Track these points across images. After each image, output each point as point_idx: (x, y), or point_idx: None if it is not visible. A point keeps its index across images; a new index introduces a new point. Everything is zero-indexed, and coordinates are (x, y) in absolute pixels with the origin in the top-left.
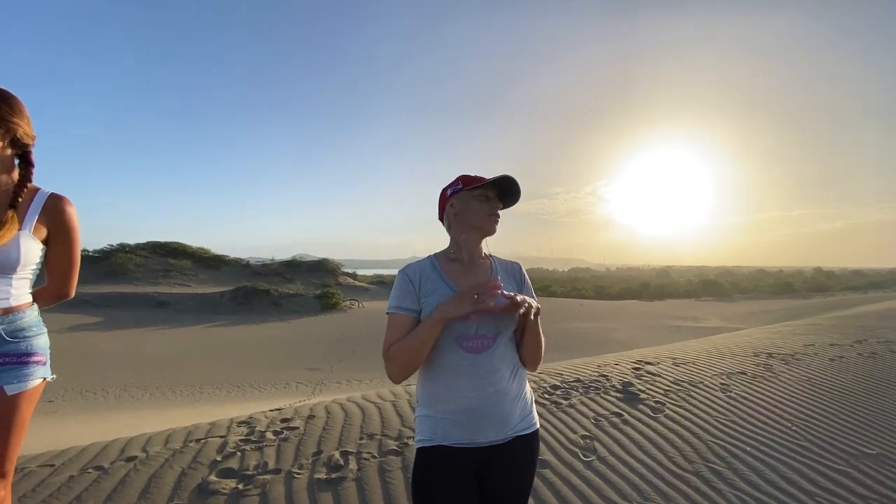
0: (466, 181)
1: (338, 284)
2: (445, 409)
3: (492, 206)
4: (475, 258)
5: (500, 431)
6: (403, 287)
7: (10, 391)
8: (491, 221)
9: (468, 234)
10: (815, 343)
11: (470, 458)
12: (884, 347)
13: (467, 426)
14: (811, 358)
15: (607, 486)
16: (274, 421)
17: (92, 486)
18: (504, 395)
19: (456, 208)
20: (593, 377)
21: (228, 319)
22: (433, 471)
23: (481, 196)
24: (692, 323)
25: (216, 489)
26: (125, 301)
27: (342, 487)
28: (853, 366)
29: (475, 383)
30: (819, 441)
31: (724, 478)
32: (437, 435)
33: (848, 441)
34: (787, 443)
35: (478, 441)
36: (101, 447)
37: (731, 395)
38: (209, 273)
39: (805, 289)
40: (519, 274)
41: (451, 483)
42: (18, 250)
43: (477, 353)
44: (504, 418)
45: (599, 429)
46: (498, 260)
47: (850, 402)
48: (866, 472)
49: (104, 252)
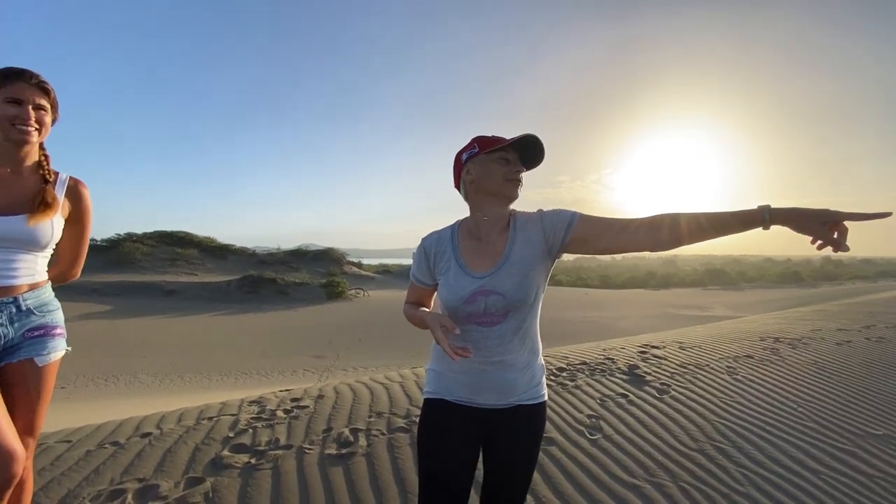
0: (483, 143)
1: (343, 273)
2: (451, 367)
3: (512, 170)
4: (495, 231)
5: (501, 397)
6: (419, 259)
7: (39, 363)
8: (512, 186)
9: (488, 206)
10: (823, 328)
11: (472, 414)
12: (892, 332)
13: (468, 386)
14: (818, 342)
15: (613, 463)
16: (284, 400)
17: (109, 459)
18: (509, 365)
19: (473, 174)
20: (599, 360)
21: (235, 308)
22: (435, 418)
23: (500, 159)
24: (698, 312)
25: (229, 463)
26: (133, 290)
27: (352, 462)
28: (860, 350)
29: (481, 350)
30: (825, 422)
31: (730, 456)
32: (441, 389)
33: (854, 422)
34: (794, 423)
35: (478, 401)
36: (117, 424)
37: (737, 378)
38: (216, 262)
39: (813, 277)
40: (543, 217)
41: (452, 431)
42: (52, 228)
43: (488, 326)
44: (507, 385)
45: (605, 409)
46: (521, 220)
47: (856, 385)
48: (871, 452)
49: (112, 241)
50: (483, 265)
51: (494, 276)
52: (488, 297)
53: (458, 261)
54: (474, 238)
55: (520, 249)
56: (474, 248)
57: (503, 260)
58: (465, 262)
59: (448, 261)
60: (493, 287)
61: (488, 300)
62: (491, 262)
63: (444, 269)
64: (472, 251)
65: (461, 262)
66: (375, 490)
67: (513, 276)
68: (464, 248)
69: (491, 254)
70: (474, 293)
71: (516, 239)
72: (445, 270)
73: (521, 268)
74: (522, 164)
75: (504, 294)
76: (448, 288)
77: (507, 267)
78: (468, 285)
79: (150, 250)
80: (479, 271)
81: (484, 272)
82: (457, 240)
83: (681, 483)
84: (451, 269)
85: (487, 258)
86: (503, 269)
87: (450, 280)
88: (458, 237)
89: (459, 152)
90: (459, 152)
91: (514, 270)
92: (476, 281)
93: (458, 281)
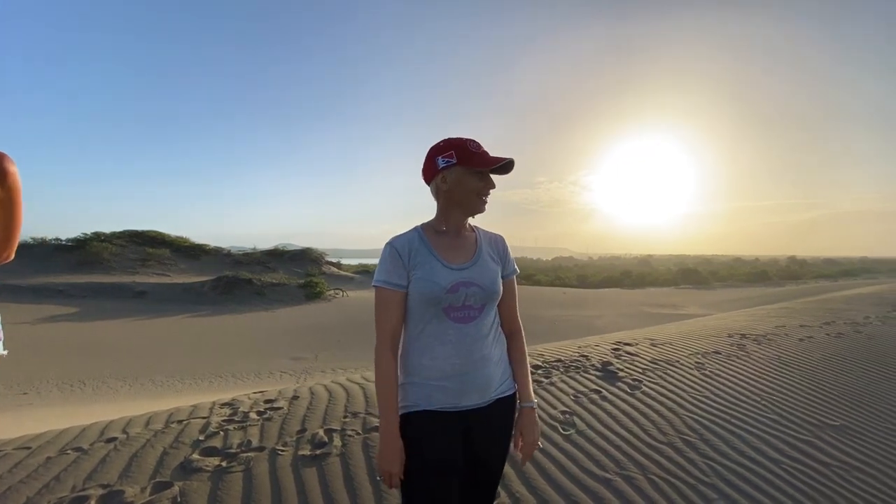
0: (462, 156)
1: (322, 274)
2: (431, 376)
3: (486, 186)
4: (461, 231)
5: (483, 395)
6: (392, 260)
7: None
8: (483, 203)
9: (454, 215)
10: (786, 325)
11: (454, 420)
12: (850, 328)
13: (452, 391)
14: (782, 338)
15: (586, 458)
16: (257, 402)
17: (71, 466)
18: (488, 359)
19: (448, 184)
20: (574, 357)
21: (210, 309)
22: (419, 432)
23: (476, 174)
24: (671, 310)
25: (199, 467)
26: (101, 291)
27: (326, 463)
28: (821, 345)
29: (461, 350)
30: (786, 414)
31: (697, 448)
32: (422, 401)
33: (813, 414)
34: (757, 416)
35: (462, 405)
36: (80, 429)
37: (705, 373)
38: (189, 263)
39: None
40: (501, 246)
41: (436, 442)
42: None
43: (464, 323)
44: (487, 382)
45: (579, 405)
46: (483, 232)
47: (816, 379)
48: (829, 442)
49: (78, 241)
50: (459, 259)
51: (472, 268)
52: (469, 288)
53: (434, 255)
54: (443, 236)
55: (487, 250)
56: (447, 244)
57: (478, 255)
58: (442, 255)
59: (423, 256)
60: (471, 279)
61: (469, 290)
62: (465, 257)
63: (419, 264)
64: (445, 247)
65: (438, 256)
66: (350, 490)
67: (487, 271)
68: (436, 245)
69: (464, 250)
70: (456, 284)
71: (483, 245)
72: (421, 265)
73: (492, 265)
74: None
75: (482, 286)
76: (427, 281)
77: (481, 262)
78: (449, 276)
79: (120, 250)
80: (456, 264)
81: (462, 264)
82: (426, 238)
83: (650, 475)
84: (428, 263)
85: (462, 253)
86: (478, 263)
87: (428, 273)
88: (426, 236)
89: (434, 153)
90: (434, 153)
91: (487, 267)
92: (456, 273)
93: (438, 273)
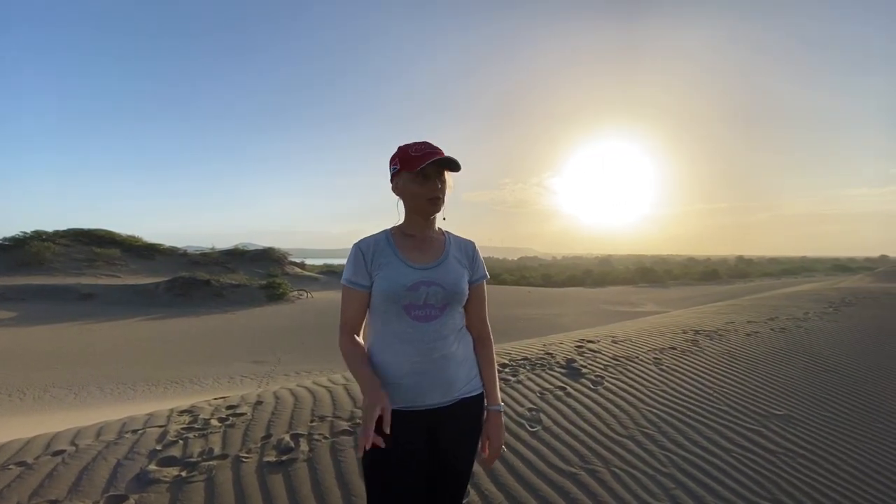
0: (403, 162)
1: (285, 274)
2: (390, 374)
3: (431, 188)
4: (427, 234)
5: (446, 394)
6: (355, 260)
7: None
8: (430, 206)
9: (413, 215)
10: (735, 321)
11: (417, 419)
12: (792, 324)
13: (411, 389)
14: (731, 334)
15: (551, 453)
16: (219, 409)
17: (14, 482)
18: (449, 359)
19: (399, 189)
20: (539, 355)
21: (164, 312)
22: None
23: (419, 177)
24: (629, 308)
25: (157, 478)
26: (43, 293)
27: (293, 469)
28: (766, 339)
29: (420, 349)
30: (735, 405)
31: (655, 440)
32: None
33: (760, 404)
34: (709, 407)
35: (423, 403)
36: (23, 443)
37: (662, 368)
38: (141, 263)
39: (728, 275)
40: (471, 251)
41: (400, 442)
42: None
43: (425, 321)
44: (449, 382)
45: (545, 401)
46: (453, 237)
47: (762, 371)
48: (775, 431)
49: (16, 240)
50: (424, 259)
51: (436, 269)
52: (430, 287)
53: (398, 255)
54: (409, 238)
55: (455, 254)
56: (413, 245)
57: (444, 256)
58: (406, 256)
59: (387, 257)
60: (433, 279)
61: (430, 290)
62: (431, 258)
63: (382, 264)
64: (410, 248)
65: (401, 257)
66: (318, 495)
67: (451, 273)
68: (402, 246)
69: (430, 251)
70: (417, 282)
71: (451, 248)
72: (385, 265)
73: (458, 267)
74: (442, 175)
75: (444, 286)
76: (388, 279)
77: (446, 263)
78: (410, 275)
79: (63, 250)
80: (420, 264)
81: (426, 264)
82: (393, 240)
83: (612, 468)
84: (391, 264)
85: (428, 254)
86: (444, 264)
87: (390, 273)
88: (393, 238)
89: (390, 160)
90: (390, 160)
91: (453, 268)
92: (418, 272)
93: (399, 271)
